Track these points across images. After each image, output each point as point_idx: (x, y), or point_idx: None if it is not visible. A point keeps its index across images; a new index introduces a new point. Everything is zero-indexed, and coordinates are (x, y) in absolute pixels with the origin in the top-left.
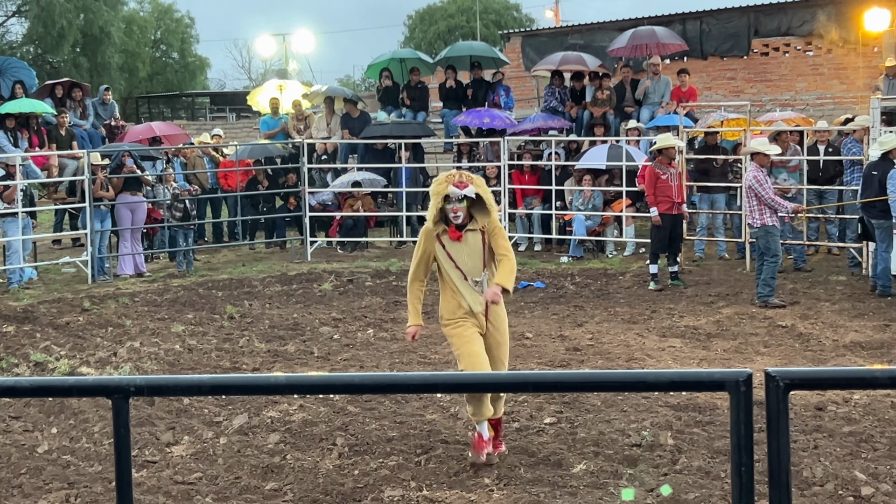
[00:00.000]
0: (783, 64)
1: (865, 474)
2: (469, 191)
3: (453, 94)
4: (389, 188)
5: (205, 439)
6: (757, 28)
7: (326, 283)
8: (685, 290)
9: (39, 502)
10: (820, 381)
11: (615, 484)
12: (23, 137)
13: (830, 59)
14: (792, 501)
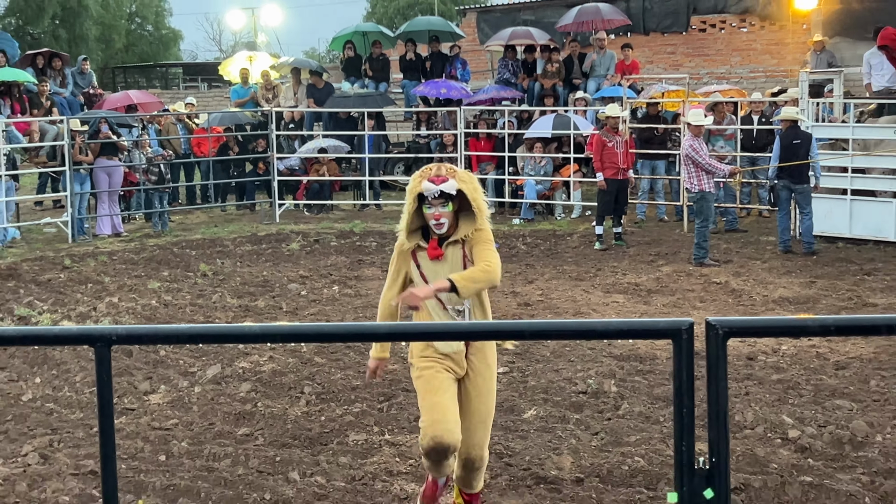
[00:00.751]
0: (719, 40)
1: (792, 418)
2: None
3: (413, 66)
4: (353, 154)
5: (180, 388)
6: (695, 6)
7: (294, 243)
8: (628, 250)
9: (24, 447)
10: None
11: (563, 428)
12: (5, 105)
13: (763, 36)
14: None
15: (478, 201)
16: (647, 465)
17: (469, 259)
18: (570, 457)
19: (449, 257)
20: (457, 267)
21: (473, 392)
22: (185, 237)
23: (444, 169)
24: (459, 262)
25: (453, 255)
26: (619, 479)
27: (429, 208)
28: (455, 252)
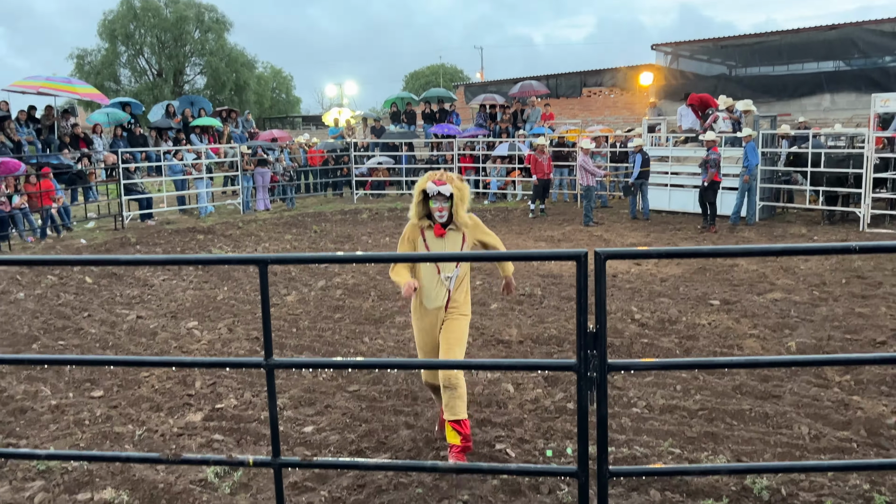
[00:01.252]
0: (598, 101)
1: (636, 308)
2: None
3: (429, 116)
4: (396, 165)
5: (303, 293)
6: (585, 82)
7: (364, 214)
8: (547, 217)
9: (219, 324)
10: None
11: (511, 313)
12: (205, 138)
13: (622, 98)
14: (607, 320)
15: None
16: (558, 334)
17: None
18: (516, 329)
19: (450, 238)
20: (455, 245)
21: (449, 327)
22: (304, 211)
23: (444, 176)
24: (458, 242)
25: (454, 239)
26: (543, 341)
27: (433, 202)
28: (456, 237)
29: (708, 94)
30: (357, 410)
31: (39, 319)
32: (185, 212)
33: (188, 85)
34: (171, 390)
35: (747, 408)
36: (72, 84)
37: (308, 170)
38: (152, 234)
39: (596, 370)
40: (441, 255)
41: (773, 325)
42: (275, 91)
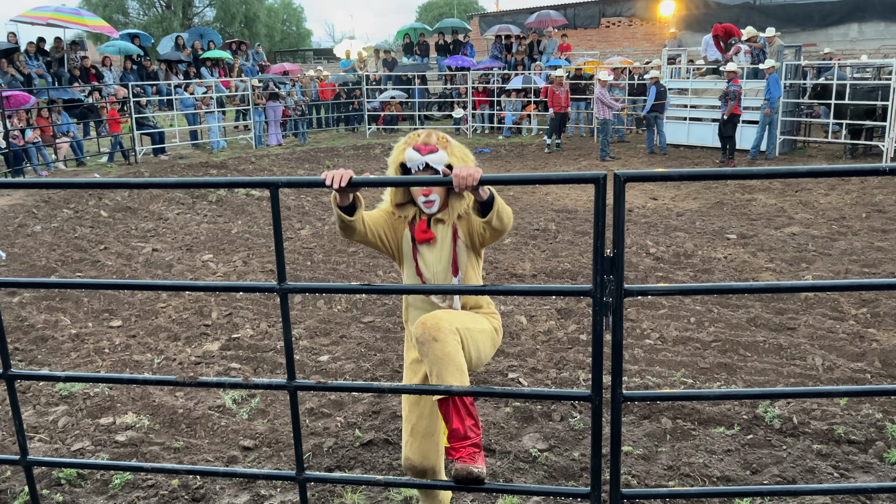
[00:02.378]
0: (617, 32)
1: (651, 242)
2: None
3: (442, 48)
4: (408, 99)
5: (316, 227)
6: (603, 12)
7: (377, 150)
8: (563, 153)
9: (234, 257)
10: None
11: (525, 248)
12: (216, 71)
13: (641, 29)
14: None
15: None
16: (571, 267)
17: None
18: (529, 263)
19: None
20: (445, 250)
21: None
22: (316, 146)
23: (434, 137)
24: (448, 245)
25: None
26: (556, 274)
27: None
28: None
29: (732, 24)
30: (371, 340)
31: (57, 252)
32: (198, 146)
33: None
34: (188, 320)
35: (761, 340)
36: (81, 16)
37: (320, 104)
38: (165, 168)
39: (612, 295)
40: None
41: (789, 258)
42: (285, 23)
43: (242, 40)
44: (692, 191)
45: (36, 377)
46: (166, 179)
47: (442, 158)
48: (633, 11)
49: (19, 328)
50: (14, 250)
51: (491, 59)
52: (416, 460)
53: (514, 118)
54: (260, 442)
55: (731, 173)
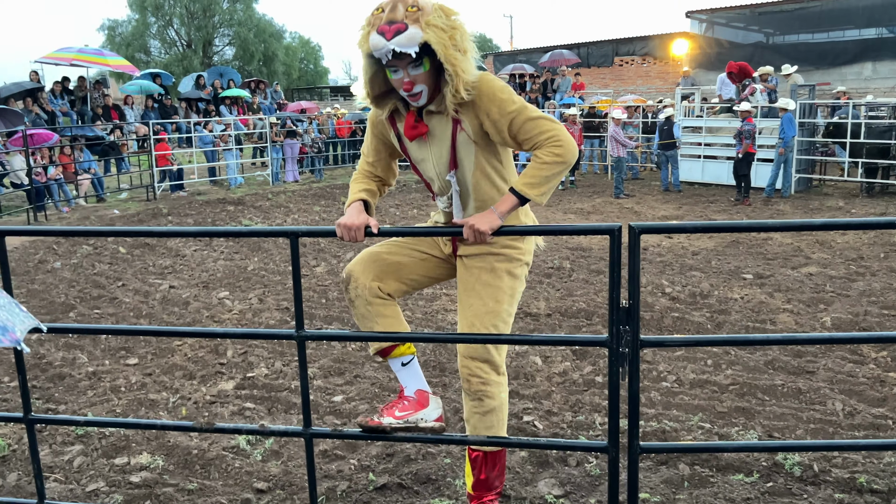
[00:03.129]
0: (631, 70)
1: (667, 282)
2: (404, 40)
3: None
4: None
5: (332, 264)
6: (617, 51)
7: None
8: (577, 189)
9: (250, 294)
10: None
11: (540, 286)
12: (235, 109)
13: (655, 68)
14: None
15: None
16: (587, 307)
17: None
18: (544, 302)
19: (437, 134)
20: (443, 146)
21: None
22: (332, 182)
23: (400, 8)
24: (447, 140)
25: (442, 132)
26: (571, 314)
27: (393, 72)
28: (443, 128)
29: (746, 63)
30: (385, 381)
31: (76, 288)
32: (216, 183)
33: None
34: (204, 359)
35: (780, 383)
36: (103, 56)
37: (336, 141)
38: (183, 204)
39: (628, 346)
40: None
41: (807, 299)
42: (303, 61)
43: (261, 79)
44: None
45: (56, 421)
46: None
47: (413, 38)
48: (646, 50)
49: (37, 366)
50: (34, 286)
51: None
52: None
53: (528, 155)
54: (274, 484)
55: (746, 226)
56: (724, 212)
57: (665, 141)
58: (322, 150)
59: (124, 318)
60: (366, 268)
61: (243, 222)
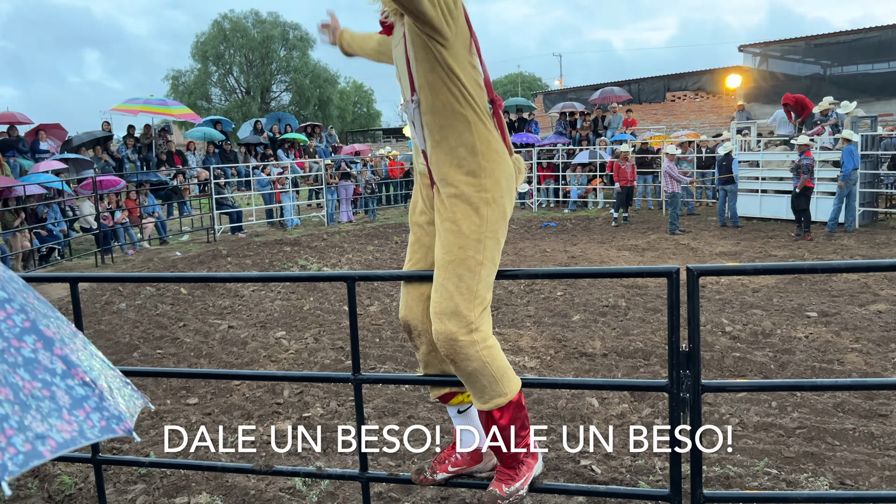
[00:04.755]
0: (683, 106)
1: (727, 320)
2: None
3: (508, 125)
4: None
5: (385, 303)
6: (668, 86)
7: None
8: (631, 226)
9: (306, 334)
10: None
11: (595, 325)
12: (291, 153)
13: (708, 103)
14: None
15: None
16: (644, 347)
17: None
18: (599, 342)
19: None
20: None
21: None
22: (385, 222)
23: None
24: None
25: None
26: (628, 354)
27: None
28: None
29: (803, 96)
30: (440, 421)
31: (139, 329)
32: (273, 224)
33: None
34: (261, 398)
35: (850, 427)
36: (167, 105)
37: (389, 182)
38: (242, 246)
39: (689, 391)
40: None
41: (876, 338)
42: (356, 105)
43: (316, 123)
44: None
45: (122, 462)
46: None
47: None
48: (698, 85)
49: None
50: (101, 327)
51: (555, 135)
52: (407, 315)
53: (580, 192)
54: None
55: (808, 267)
56: (785, 247)
57: (724, 175)
58: (375, 190)
59: (185, 358)
60: (414, 309)
61: (299, 262)
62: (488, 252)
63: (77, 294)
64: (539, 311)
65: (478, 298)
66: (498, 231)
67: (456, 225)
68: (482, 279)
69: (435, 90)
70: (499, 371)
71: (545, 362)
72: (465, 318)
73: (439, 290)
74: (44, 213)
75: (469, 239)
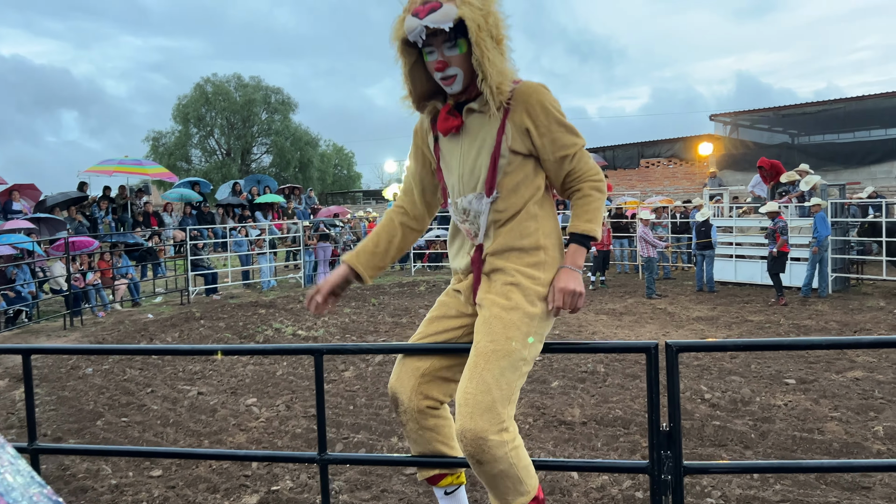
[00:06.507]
0: (657, 171)
1: (706, 387)
2: (439, 17)
3: None
4: None
5: (361, 368)
6: (642, 153)
7: (422, 287)
8: (608, 290)
9: (277, 401)
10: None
11: (574, 392)
12: (270, 214)
13: (682, 169)
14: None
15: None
16: (623, 414)
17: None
18: (579, 409)
19: (473, 131)
20: (484, 144)
21: (480, 329)
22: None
23: None
24: (491, 139)
25: (481, 129)
26: (607, 423)
27: (429, 55)
28: (485, 127)
29: (777, 161)
30: (414, 496)
31: (105, 395)
32: (249, 286)
33: (255, 163)
34: (228, 470)
35: (834, 500)
36: (143, 165)
37: None
38: (216, 308)
39: (670, 472)
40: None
41: (855, 406)
42: (337, 167)
43: (296, 185)
44: (745, 331)
45: None
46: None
47: (447, 14)
48: (672, 152)
49: (61, 478)
50: (65, 393)
51: None
52: (391, 382)
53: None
54: None
55: (789, 344)
56: (761, 312)
57: (702, 241)
58: None
59: (151, 427)
60: (405, 382)
61: (274, 325)
62: (533, 349)
63: (29, 368)
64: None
65: (514, 395)
66: (545, 329)
67: (508, 313)
68: (521, 376)
69: (519, 191)
70: (524, 471)
71: (524, 431)
72: (498, 416)
73: (475, 380)
74: (13, 274)
75: (519, 331)
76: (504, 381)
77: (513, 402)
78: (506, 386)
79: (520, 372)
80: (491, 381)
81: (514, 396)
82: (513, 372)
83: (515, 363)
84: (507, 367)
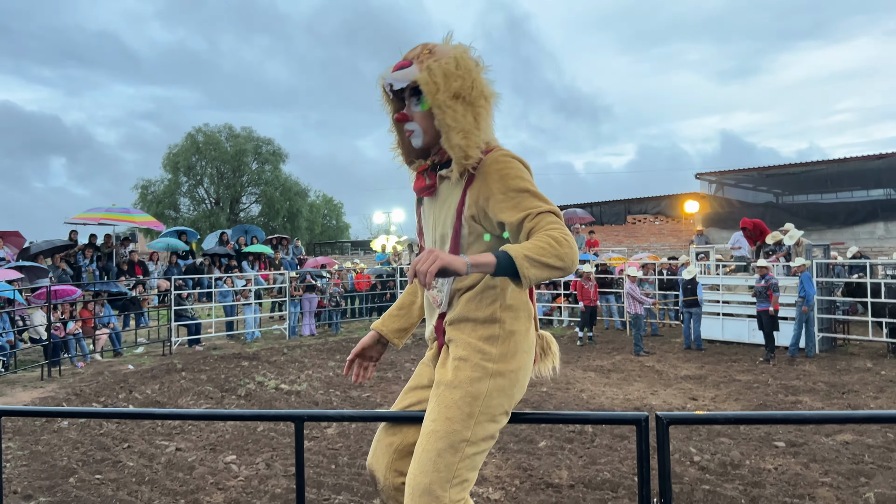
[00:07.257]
0: (643, 228)
1: (695, 449)
2: (401, 75)
3: None
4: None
5: (344, 425)
6: (629, 209)
7: (408, 339)
8: (596, 346)
9: (257, 458)
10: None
11: (561, 452)
12: (256, 264)
13: (668, 226)
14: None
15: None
16: (612, 477)
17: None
18: (566, 471)
19: (443, 195)
20: (450, 215)
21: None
22: (349, 336)
23: (419, 48)
24: (453, 210)
25: (449, 195)
26: (595, 486)
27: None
28: (452, 191)
29: (760, 221)
30: None
31: (80, 450)
32: (233, 337)
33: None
34: None
35: None
36: (129, 213)
37: (355, 294)
38: (198, 359)
39: None
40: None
41: (845, 471)
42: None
43: (283, 235)
44: (733, 391)
45: None
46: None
47: (407, 75)
48: (658, 209)
49: None
50: (38, 448)
51: None
52: (369, 459)
53: (545, 309)
54: None
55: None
56: (748, 371)
57: (689, 298)
58: (339, 304)
59: (126, 485)
60: (380, 459)
61: (256, 378)
62: (479, 429)
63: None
64: (504, 435)
65: (457, 478)
66: (494, 409)
67: (451, 392)
68: (465, 458)
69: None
70: None
71: (510, 494)
72: (437, 500)
73: (416, 461)
74: None
75: (460, 412)
76: (442, 462)
77: (459, 483)
78: (444, 469)
79: (461, 453)
80: (427, 463)
81: (456, 479)
82: (453, 454)
83: (455, 445)
84: (445, 449)
